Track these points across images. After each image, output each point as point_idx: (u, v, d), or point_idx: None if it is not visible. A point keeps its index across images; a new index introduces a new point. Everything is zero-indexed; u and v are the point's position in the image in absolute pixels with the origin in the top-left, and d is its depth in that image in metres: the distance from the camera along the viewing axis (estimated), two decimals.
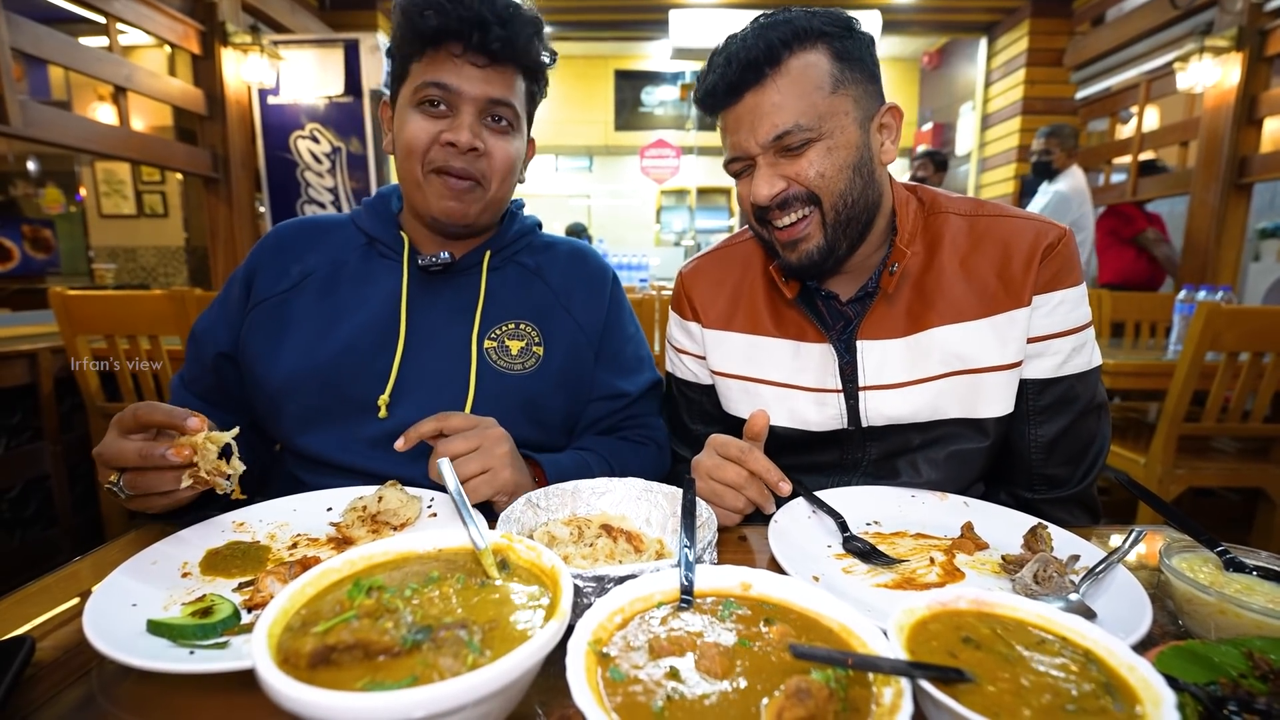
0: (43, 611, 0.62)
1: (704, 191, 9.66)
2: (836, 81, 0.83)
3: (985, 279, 0.89)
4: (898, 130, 0.89)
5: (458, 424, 0.82)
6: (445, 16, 0.88)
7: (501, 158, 0.95)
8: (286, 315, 0.98)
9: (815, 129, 0.82)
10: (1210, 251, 4.16)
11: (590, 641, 0.43)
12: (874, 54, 0.88)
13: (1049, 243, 0.88)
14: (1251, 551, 0.65)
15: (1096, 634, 0.46)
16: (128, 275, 6.13)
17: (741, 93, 0.84)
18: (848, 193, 0.86)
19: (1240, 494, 2.81)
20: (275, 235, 1.06)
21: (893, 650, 0.43)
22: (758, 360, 1.00)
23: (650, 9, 6.19)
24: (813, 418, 0.97)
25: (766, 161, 0.86)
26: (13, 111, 2.64)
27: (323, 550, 0.73)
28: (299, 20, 4.88)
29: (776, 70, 0.82)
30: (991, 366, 0.89)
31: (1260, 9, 3.94)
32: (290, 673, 0.37)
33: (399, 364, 0.96)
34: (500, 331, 1.01)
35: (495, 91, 0.92)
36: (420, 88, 0.92)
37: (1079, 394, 0.91)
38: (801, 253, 0.89)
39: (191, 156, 3.99)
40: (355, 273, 1.01)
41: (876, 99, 0.88)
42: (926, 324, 0.91)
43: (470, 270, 1.04)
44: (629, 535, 0.72)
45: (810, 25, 0.83)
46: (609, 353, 1.09)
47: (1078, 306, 0.89)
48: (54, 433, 2.46)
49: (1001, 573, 0.71)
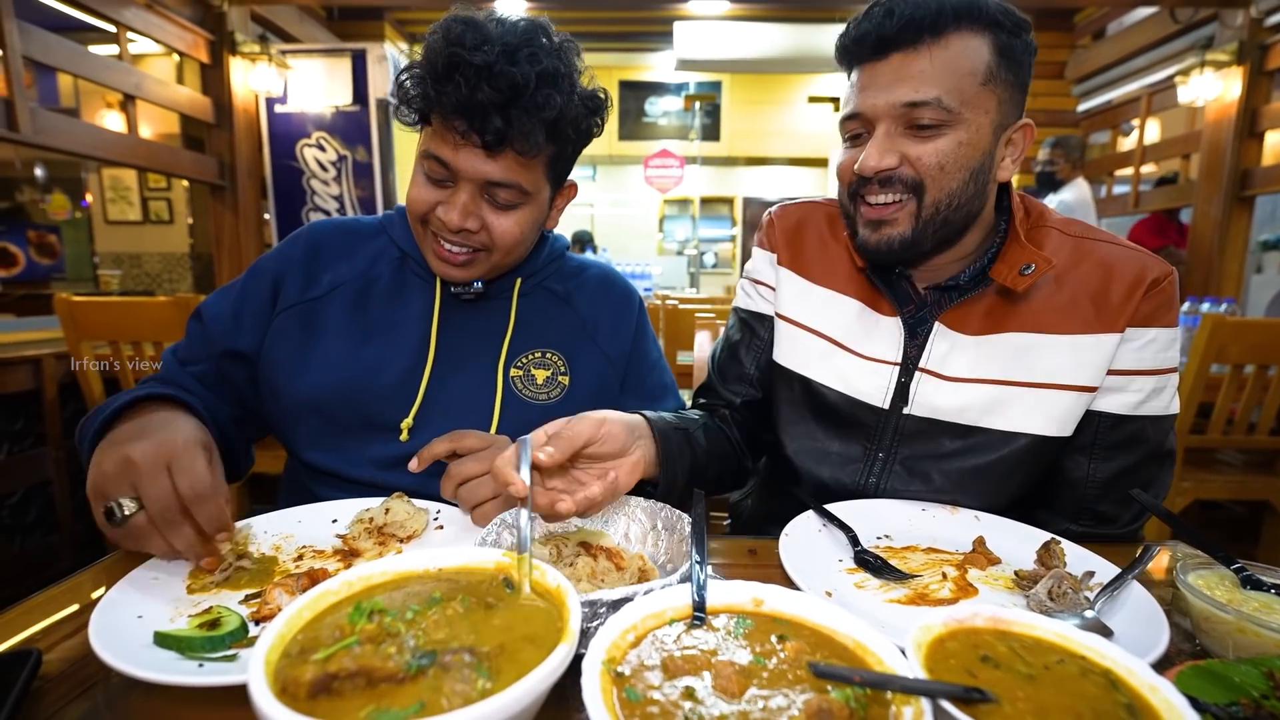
0: (49, 620, 0.62)
1: (707, 201, 9.69)
2: (990, 74, 0.79)
3: (1077, 298, 0.86)
4: (1022, 150, 0.86)
5: (472, 444, 0.81)
6: (430, 103, 0.84)
7: (501, 233, 0.90)
8: (315, 325, 0.95)
9: (954, 112, 0.78)
10: (1213, 263, 4.16)
11: (605, 661, 0.42)
12: (1031, 64, 0.83)
13: (1155, 277, 0.85)
14: (1267, 569, 0.64)
15: (1116, 653, 0.46)
16: (132, 282, 6.15)
17: (890, 51, 0.79)
18: (957, 194, 0.82)
19: (1246, 507, 2.79)
20: (309, 236, 1.02)
21: (912, 669, 0.43)
22: (821, 313, 0.98)
23: (655, 21, 6.26)
24: (859, 384, 0.94)
25: (886, 131, 0.81)
26: (23, 119, 2.67)
27: (329, 562, 0.72)
28: (307, 30, 4.93)
29: (937, 40, 0.77)
30: (1059, 384, 0.86)
31: (1260, 24, 3.96)
32: (289, 704, 0.36)
33: (425, 389, 0.94)
34: (526, 360, 1.00)
35: (495, 174, 0.86)
36: (424, 155, 0.88)
37: (1149, 437, 0.88)
38: (883, 236, 0.85)
39: (198, 164, 4.01)
40: (388, 289, 0.99)
41: (1016, 110, 0.84)
42: (1004, 327, 0.88)
43: (501, 296, 1.02)
44: (609, 552, 0.70)
45: (985, 6, 0.78)
46: (634, 381, 1.08)
47: (1168, 348, 0.87)
48: (57, 439, 2.46)
49: (1015, 588, 0.70)
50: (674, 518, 0.73)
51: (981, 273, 0.90)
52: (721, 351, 1.12)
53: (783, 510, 0.85)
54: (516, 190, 0.89)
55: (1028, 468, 0.89)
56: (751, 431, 1.07)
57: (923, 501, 0.90)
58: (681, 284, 8.37)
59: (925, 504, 0.90)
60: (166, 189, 6.12)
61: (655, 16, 6.02)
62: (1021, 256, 0.85)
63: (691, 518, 0.66)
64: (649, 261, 7.92)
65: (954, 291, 0.91)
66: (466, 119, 0.82)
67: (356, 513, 0.80)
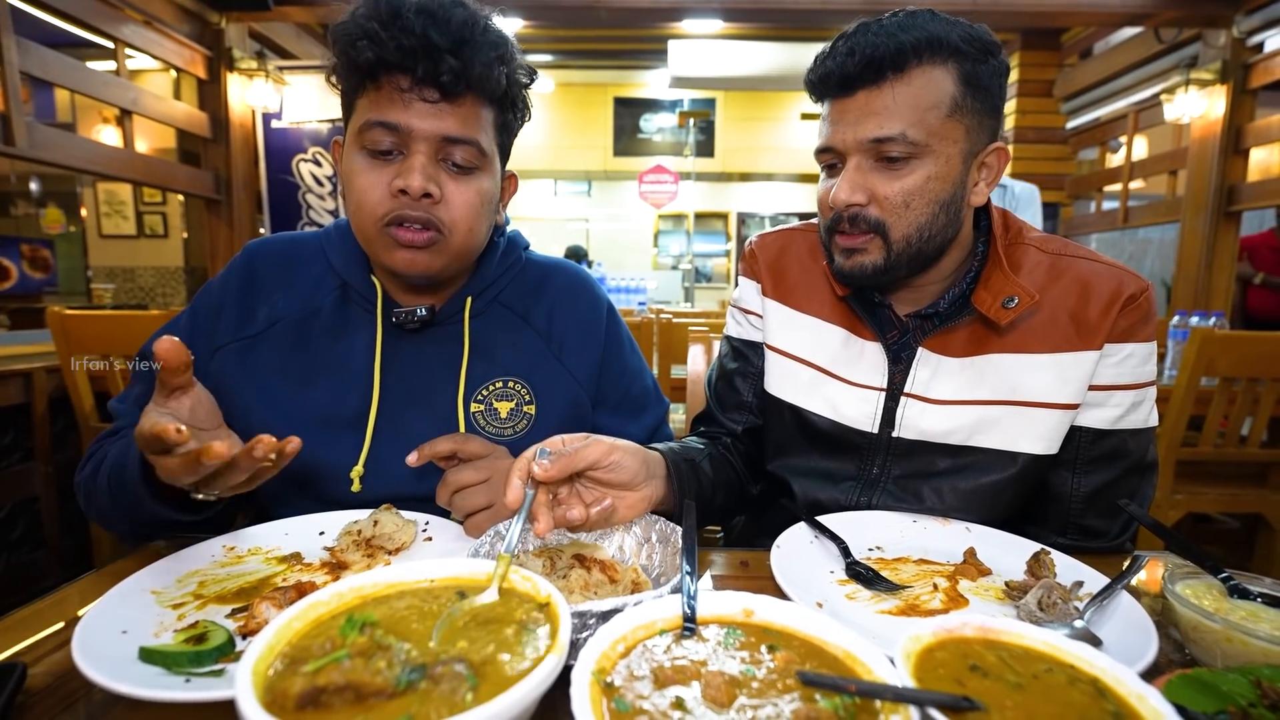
0: (34, 637, 0.61)
1: (701, 216, 9.77)
2: (955, 105, 0.79)
3: (1057, 316, 0.87)
4: (997, 174, 0.86)
5: (474, 450, 0.79)
6: (382, 47, 0.74)
7: (462, 204, 0.82)
8: (253, 365, 0.89)
9: (920, 145, 0.79)
10: (1202, 278, 4.21)
11: (594, 671, 0.42)
12: (1003, 85, 0.83)
13: (1131, 293, 0.86)
14: (1254, 578, 0.64)
15: (1104, 662, 0.46)
16: (126, 295, 6.14)
17: (855, 88, 0.80)
18: (926, 227, 0.82)
19: (1239, 520, 2.80)
20: (245, 263, 0.94)
21: (900, 678, 0.43)
22: (807, 341, 0.98)
23: (649, 39, 6.35)
24: (847, 411, 0.94)
25: (857, 164, 0.82)
26: (19, 133, 2.68)
27: (317, 575, 0.72)
28: (304, 46, 4.98)
29: (899, 76, 0.78)
30: (1045, 403, 0.87)
31: (1243, 43, 4.06)
32: (277, 714, 0.36)
33: (372, 434, 0.88)
34: (487, 392, 0.92)
35: (451, 129, 0.79)
36: (365, 128, 0.79)
37: (1131, 450, 0.89)
38: (856, 262, 0.86)
39: (194, 178, 4.03)
40: (328, 324, 0.91)
41: (987, 134, 0.83)
42: (986, 349, 0.89)
43: (451, 321, 0.94)
44: (603, 565, 0.70)
45: (946, 38, 0.78)
46: (611, 395, 1.02)
47: (1145, 362, 0.88)
48: (45, 453, 2.44)
49: (1005, 599, 0.70)
50: (669, 530, 0.73)
51: (962, 297, 0.90)
52: (718, 380, 1.12)
53: (775, 523, 0.85)
54: (475, 149, 0.82)
55: (1018, 486, 0.90)
56: (753, 457, 1.08)
57: (914, 514, 0.91)
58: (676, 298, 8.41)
59: (916, 516, 0.90)
60: (161, 203, 6.13)
61: (650, 35, 6.11)
62: (1005, 286, 0.85)
63: (683, 528, 0.66)
64: (644, 276, 7.97)
65: (935, 319, 0.92)
66: (417, 69, 0.75)
67: (344, 525, 0.80)
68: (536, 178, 9.82)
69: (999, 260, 0.88)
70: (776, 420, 1.02)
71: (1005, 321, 0.85)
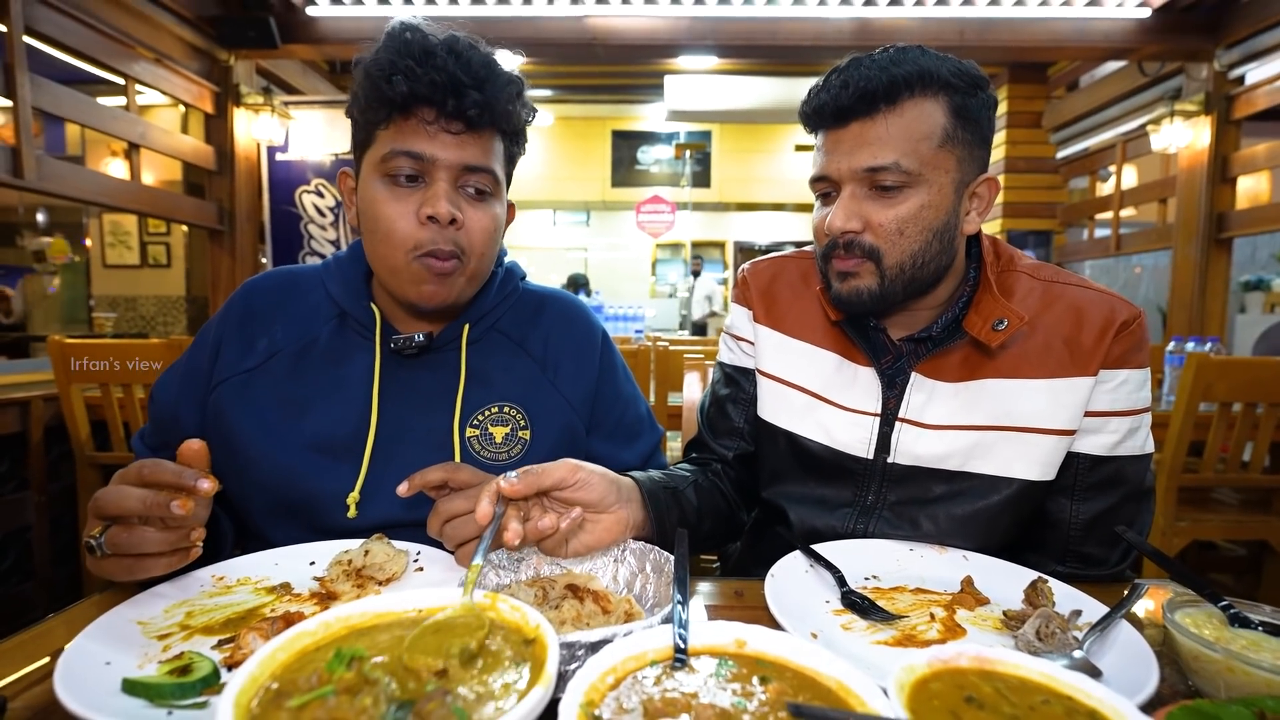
0: (15, 670, 0.60)
1: (698, 245, 9.88)
2: (946, 136, 0.81)
3: (1051, 342, 0.88)
4: (988, 204, 0.88)
5: (465, 479, 0.79)
6: (416, 82, 0.80)
7: (480, 229, 0.87)
8: (251, 399, 0.90)
9: (913, 174, 0.81)
10: (1195, 304, 4.24)
11: (582, 704, 0.41)
12: (992, 118, 0.86)
13: (1124, 320, 0.86)
14: (1255, 606, 0.63)
15: (1102, 693, 0.45)
16: (127, 324, 6.16)
17: (848, 120, 0.83)
18: (920, 254, 0.84)
19: (1245, 547, 2.77)
20: (244, 298, 0.96)
21: (893, 709, 0.42)
22: (800, 366, 0.99)
23: (646, 75, 6.51)
24: (841, 436, 0.94)
25: (852, 193, 0.84)
26: (28, 165, 2.73)
27: (306, 605, 0.71)
28: (310, 82, 5.10)
29: (891, 108, 0.80)
30: (1040, 428, 0.87)
31: (1224, 76, 4.16)
32: None
33: (369, 460, 0.89)
34: (483, 418, 0.93)
35: (472, 158, 0.84)
36: (389, 157, 0.83)
37: (1129, 476, 0.89)
38: (852, 287, 0.87)
39: (198, 209, 4.09)
40: (326, 352, 0.93)
41: (978, 165, 0.86)
42: (980, 374, 0.89)
43: (448, 347, 0.95)
44: (596, 595, 0.69)
45: (937, 72, 0.81)
46: (605, 421, 1.02)
47: (1140, 389, 0.88)
48: (40, 482, 2.42)
49: (1003, 629, 0.69)
50: (662, 560, 0.73)
51: (954, 322, 0.91)
52: (710, 406, 1.12)
53: (771, 551, 0.84)
54: (491, 177, 0.87)
55: (1014, 512, 0.89)
56: (745, 484, 1.07)
57: (911, 542, 0.90)
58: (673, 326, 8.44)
59: (913, 544, 0.89)
60: (165, 234, 6.20)
61: (646, 70, 6.27)
62: (994, 309, 0.87)
63: (675, 557, 0.66)
64: (641, 304, 8.00)
65: (928, 343, 0.92)
66: (446, 103, 0.81)
67: (335, 554, 0.79)
68: (537, 208, 9.96)
69: (989, 285, 0.89)
70: (770, 446, 1.02)
71: (996, 344, 0.86)
